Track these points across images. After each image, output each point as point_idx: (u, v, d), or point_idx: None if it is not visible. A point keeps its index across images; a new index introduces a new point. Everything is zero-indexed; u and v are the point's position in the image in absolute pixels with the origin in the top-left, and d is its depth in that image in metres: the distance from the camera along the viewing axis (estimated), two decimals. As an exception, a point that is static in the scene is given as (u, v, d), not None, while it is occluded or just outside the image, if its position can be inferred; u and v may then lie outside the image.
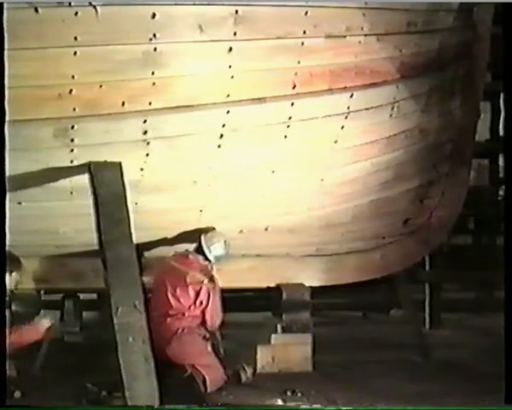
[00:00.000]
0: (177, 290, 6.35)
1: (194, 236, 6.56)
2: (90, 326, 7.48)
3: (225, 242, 6.55)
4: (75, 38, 5.14)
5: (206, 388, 6.17)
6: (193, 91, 5.59)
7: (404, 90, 6.33)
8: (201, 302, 6.37)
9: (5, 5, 4.73)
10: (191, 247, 6.58)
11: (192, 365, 6.19)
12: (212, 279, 6.45)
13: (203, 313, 6.39)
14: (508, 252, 5.35)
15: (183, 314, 6.35)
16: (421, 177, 7.22)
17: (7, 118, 4.67)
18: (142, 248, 6.40)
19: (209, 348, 6.38)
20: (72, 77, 5.27)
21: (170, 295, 6.35)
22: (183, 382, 6.14)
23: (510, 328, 5.25)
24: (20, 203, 5.86)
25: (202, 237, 6.50)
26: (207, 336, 6.42)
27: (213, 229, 6.57)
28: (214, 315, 6.44)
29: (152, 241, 6.60)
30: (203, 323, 6.42)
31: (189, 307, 6.36)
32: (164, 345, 6.16)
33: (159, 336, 6.02)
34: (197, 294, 6.37)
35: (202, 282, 6.40)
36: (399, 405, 5.79)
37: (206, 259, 6.50)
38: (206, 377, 6.17)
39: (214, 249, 6.51)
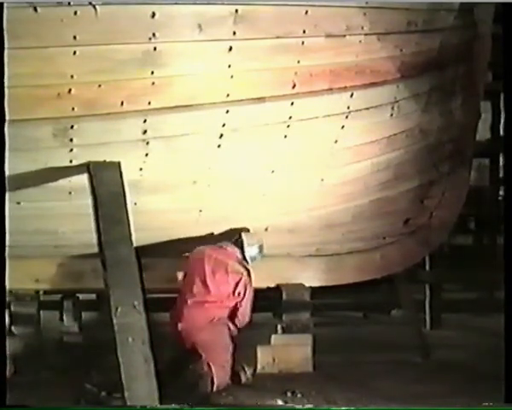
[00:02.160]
0: (217, 277, 6.38)
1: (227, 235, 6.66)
2: (89, 327, 7.46)
3: (261, 246, 6.62)
4: (74, 38, 5.13)
5: (212, 388, 6.18)
6: (192, 91, 5.58)
7: (404, 90, 6.32)
8: (239, 294, 6.40)
9: (5, 5, 4.72)
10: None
11: (208, 361, 6.19)
12: (249, 274, 6.49)
13: (236, 306, 6.42)
14: (508, 252, 5.34)
15: (222, 302, 6.38)
16: (422, 177, 7.21)
17: (6, 117, 4.67)
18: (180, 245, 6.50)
19: (231, 349, 6.38)
20: (72, 76, 5.26)
21: (209, 281, 6.36)
22: (193, 379, 6.16)
23: (510, 328, 5.25)
24: (18, 203, 5.85)
25: (243, 235, 6.57)
26: (234, 334, 6.44)
27: (248, 230, 6.65)
28: (246, 311, 6.47)
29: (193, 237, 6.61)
30: (233, 317, 6.43)
31: (228, 296, 6.39)
32: (195, 331, 6.22)
33: (191, 322, 6.18)
34: (236, 284, 6.41)
35: (242, 273, 6.44)
36: (400, 405, 5.78)
37: (243, 256, 6.55)
38: (215, 378, 6.18)
39: (251, 249, 6.58)
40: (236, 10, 5.38)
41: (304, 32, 5.63)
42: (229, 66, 5.54)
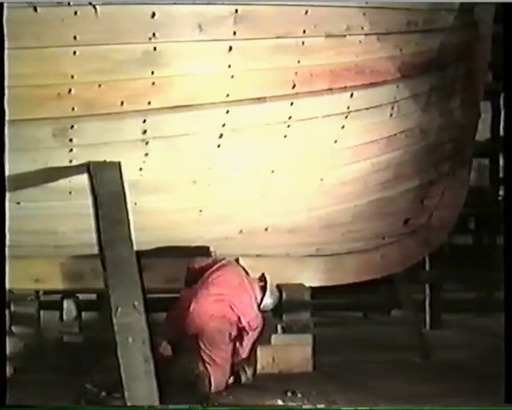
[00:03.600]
0: (243, 295, 6.43)
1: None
2: (89, 327, 7.46)
3: (277, 299, 6.69)
4: (74, 38, 5.13)
5: (210, 388, 6.18)
6: (192, 91, 5.58)
7: (404, 90, 6.32)
8: (249, 323, 6.38)
9: (5, 5, 4.72)
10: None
11: (206, 358, 6.21)
12: (263, 317, 6.54)
13: (242, 333, 6.40)
14: (508, 252, 5.34)
15: (238, 312, 6.36)
16: (422, 177, 7.21)
17: (6, 117, 4.67)
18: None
19: (230, 350, 6.37)
20: (72, 76, 5.26)
21: (237, 291, 6.41)
22: (192, 378, 6.18)
23: (510, 328, 5.24)
24: (18, 203, 5.84)
25: (268, 281, 6.58)
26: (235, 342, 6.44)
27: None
28: (247, 348, 6.45)
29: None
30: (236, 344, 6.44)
31: (244, 314, 6.37)
32: (206, 317, 6.24)
33: (204, 307, 6.23)
34: (255, 316, 6.43)
35: (259, 315, 6.48)
36: (400, 405, 5.78)
37: (261, 301, 6.55)
38: (212, 378, 6.19)
39: (269, 300, 6.58)
40: (236, 10, 5.38)
41: (304, 32, 5.63)
42: (230, 66, 5.53)
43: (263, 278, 6.62)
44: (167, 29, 5.29)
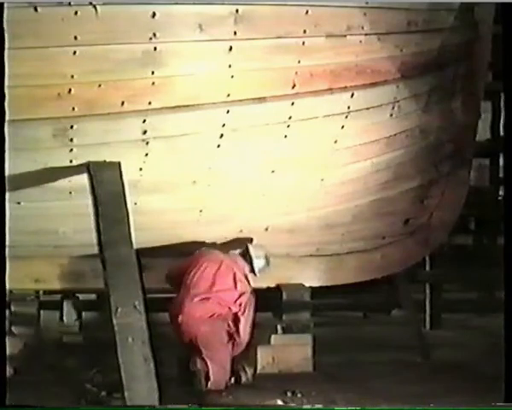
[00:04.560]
0: (226, 280, 6.43)
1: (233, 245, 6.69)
2: (89, 327, 7.46)
3: (267, 256, 6.65)
4: (75, 38, 5.13)
5: (207, 384, 6.21)
6: (193, 91, 5.58)
7: (404, 90, 6.32)
8: (240, 305, 6.42)
9: (5, 5, 4.72)
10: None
11: (205, 357, 6.23)
12: (252, 293, 6.53)
13: (237, 316, 6.42)
14: (508, 252, 5.33)
15: (225, 302, 6.39)
16: (422, 177, 7.21)
17: (6, 117, 4.67)
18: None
19: (230, 349, 6.39)
20: (72, 76, 5.26)
21: (218, 281, 6.41)
22: (188, 376, 6.21)
23: (510, 328, 5.24)
24: (18, 203, 5.84)
25: (250, 247, 6.59)
26: (236, 350, 6.46)
27: (251, 240, 6.68)
28: (247, 328, 6.46)
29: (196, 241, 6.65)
30: (234, 332, 6.43)
31: (231, 301, 6.40)
32: (196, 324, 6.26)
33: (192, 315, 6.25)
34: (240, 295, 6.44)
35: (247, 289, 6.48)
36: (400, 405, 5.77)
37: (252, 268, 6.58)
38: (211, 375, 6.21)
39: (259, 262, 6.61)
40: (237, 10, 5.38)
41: (304, 31, 5.63)
42: (230, 66, 5.53)
43: (245, 248, 6.62)
44: (167, 29, 5.29)
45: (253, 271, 6.62)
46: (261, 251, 6.67)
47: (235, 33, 5.42)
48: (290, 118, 5.94)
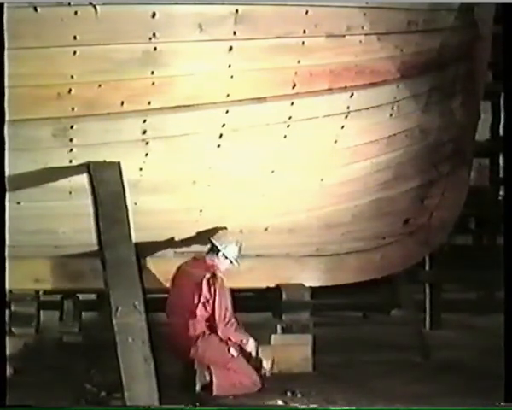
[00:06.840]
0: (195, 295, 6.35)
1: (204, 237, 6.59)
2: (89, 327, 7.47)
3: (238, 241, 6.53)
4: (74, 38, 5.13)
5: (212, 390, 6.20)
6: (192, 91, 5.58)
7: (404, 90, 6.32)
8: (206, 298, 6.33)
9: (5, 5, 4.72)
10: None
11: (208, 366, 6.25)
12: (214, 275, 6.41)
13: (212, 310, 6.34)
14: (508, 252, 5.34)
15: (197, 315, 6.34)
16: (422, 177, 7.21)
17: (6, 117, 4.67)
18: (145, 248, 6.41)
19: (232, 351, 6.34)
20: (72, 76, 5.26)
21: (185, 300, 6.38)
22: (185, 376, 6.23)
23: (510, 328, 5.25)
24: (19, 203, 5.84)
25: (214, 240, 6.48)
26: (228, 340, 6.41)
27: (220, 229, 6.56)
28: (221, 306, 6.33)
29: (158, 241, 6.59)
30: (214, 319, 6.36)
31: (197, 306, 6.32)
32: (189, 346, 6.27)
33: (185, 337, 6.25)
34: (200, 290, 6.34)
35: (203, 277, 6.36)
36: (400, 405, 5.78)
37: (229, 260, 6.49)
38: (214, 380, 6.20)
39: (231, 250, 6.48)
40: (237, 10, 5.38)
41: (304, 32, 5.62)
42: (230, 66, 5.53)
43: (210, 243, 6.51)
44: (167, 29, 5.29)
45: (231, 262, 6.50)
46: (226, 237, 6.51)
47: (234, 33, 5.42)
48: (290, 118, 5.94)
